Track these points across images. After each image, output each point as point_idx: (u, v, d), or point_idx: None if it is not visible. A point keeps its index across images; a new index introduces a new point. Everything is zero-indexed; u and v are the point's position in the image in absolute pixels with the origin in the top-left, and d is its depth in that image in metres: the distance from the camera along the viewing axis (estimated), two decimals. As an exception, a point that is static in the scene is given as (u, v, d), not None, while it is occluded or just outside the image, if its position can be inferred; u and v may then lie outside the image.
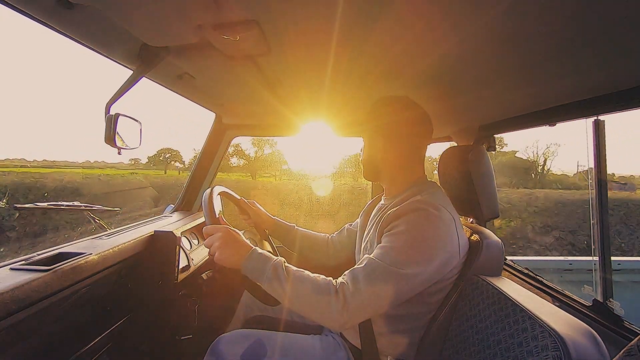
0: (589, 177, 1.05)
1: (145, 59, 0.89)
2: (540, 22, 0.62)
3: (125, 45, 0.85)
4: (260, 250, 0.89)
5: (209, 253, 0.91)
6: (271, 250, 1.32)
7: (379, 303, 0.79)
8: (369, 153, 1.08)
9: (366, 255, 0.86)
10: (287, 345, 1.05)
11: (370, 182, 1.94)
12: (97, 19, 0.70)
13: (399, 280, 0.79)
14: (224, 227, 0.93)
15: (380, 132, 1.04)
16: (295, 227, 1.40)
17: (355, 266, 0.85)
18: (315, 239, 1.41)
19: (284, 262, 0.87)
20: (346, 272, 0.85)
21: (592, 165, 1.01)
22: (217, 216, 0.99)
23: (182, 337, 1.30)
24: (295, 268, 0.86)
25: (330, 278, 0.84)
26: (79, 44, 0.78)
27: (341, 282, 0.82)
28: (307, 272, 0.86)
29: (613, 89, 0.83)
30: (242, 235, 0.94)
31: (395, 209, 0.91)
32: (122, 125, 0.94)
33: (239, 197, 1.32)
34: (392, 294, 0.79)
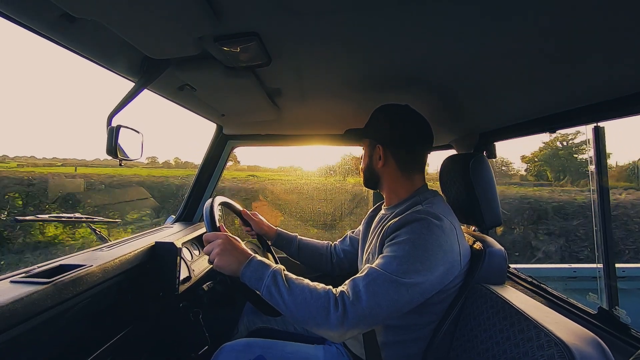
0: (591, 183, 1.05)
1: (146, 72, 0.90)
2: (540, 30, 0.63)
3: (127, 58, 0.86)
4: (259, 258, 0.88)
5: (208, 260, 0.91)
6: (273, 261, 1.31)
7: (379, 313, 0.78)
8: (369, 162, 1.08)
9: (367, 265, 0.85)
10: (290, 354, 1.03)
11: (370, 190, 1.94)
12: (99, 33, 0.71)
13: (400, 289, 0.78)
14: (224, 234, 0.93)
15: (380, 141, 1.04)
16: (297, 236, 1.40)
17: (356, 275, 0.84)
18: (317, 248, 1.40)
19: (283, 269, 0.86)
20: (347, 282, 0.84)
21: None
22: (218, 225, 0.99)
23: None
24: (294, 276, 0.85)
25: (330, 287, 0.83)
26: (81, 57, 0.79)
27: (341, 291, 0.81)
28: (306, 280, 0.85)
29: (613, 95, 0.83)
30: (242, 244, 0.94)
31: (396, 219, 0.91)
32: (123, 136, 0.95)
33: (240, 208, 1.32)
34: (392, 303, 0.78)
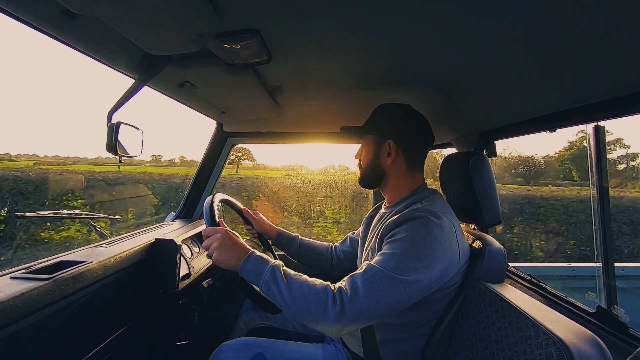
0: (591, 182, 1.05)
1: (147, 68, 0.90)
2: (541, 29, 0.63)
3: (127, 55, 0.85)
4: (258, 253, 0.88)
5: (207, 254, 0.91)
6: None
7: (376, 310, 0.78)
8: (374, 158, 1.06)
9: (366, 262, 0.86)
10: (289, 353, 1.03)
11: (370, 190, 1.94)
12: (100, 29, 0.71)
13: (398, 286, 0.78)
14: (223, 229, 0.93)
15: (391, 137, 1.02)
16: (299, 237, 1.40)
17: (355, 272, 0.84)
18: (318, 249, 1.40)
19: (282, 265, 0.86)
20: (345, 278, 0.84)
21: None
22: (217, 220, 0.99)
23: (179, 343, 1.29)
24: (293, 272, 0.85)
25: (328, 283, 0.83)
26: (82, 54, 0.79)
27: (339, 287, 0.81)
28: (305, 276, 0.85)
29: (613, 94, 0.83)
30: (242, 239, 0.94)
31: (395, 217, 0.91)
32: (123, 133, 0.94)
33: (242, 206, 1.32)
34: (390, 300, 0.78)
